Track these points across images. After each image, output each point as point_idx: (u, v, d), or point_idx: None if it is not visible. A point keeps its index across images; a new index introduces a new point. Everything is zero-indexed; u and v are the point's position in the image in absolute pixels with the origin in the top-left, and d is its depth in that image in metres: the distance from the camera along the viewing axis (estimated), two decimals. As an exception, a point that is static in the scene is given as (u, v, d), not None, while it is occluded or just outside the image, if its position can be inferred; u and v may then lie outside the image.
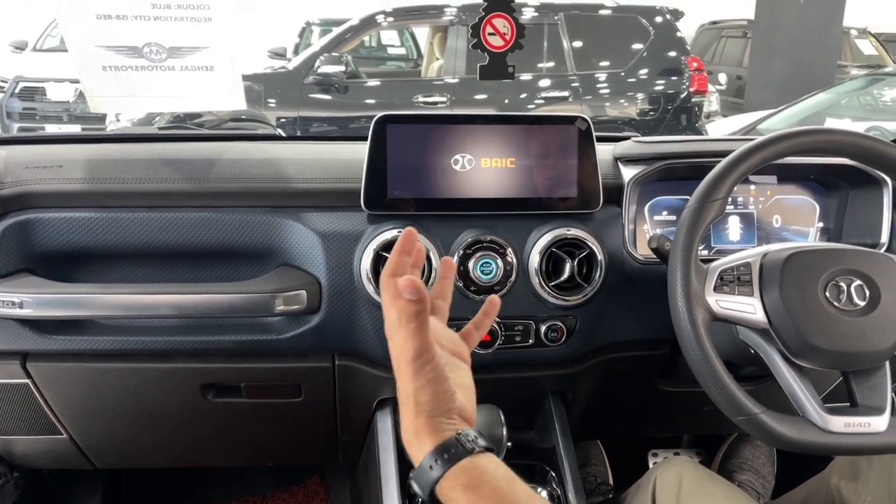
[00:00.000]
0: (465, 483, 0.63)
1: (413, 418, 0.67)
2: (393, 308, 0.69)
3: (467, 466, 0.63)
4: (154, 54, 1.15)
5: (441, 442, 0.65)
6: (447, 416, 0.67)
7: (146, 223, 1.11)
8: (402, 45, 8.49)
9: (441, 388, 0.67)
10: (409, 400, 0.67)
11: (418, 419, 0.66)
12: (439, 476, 0.63)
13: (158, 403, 1.26)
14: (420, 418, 0.66)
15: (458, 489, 0.62)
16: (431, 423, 0.66)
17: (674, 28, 5.49)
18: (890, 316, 0.94)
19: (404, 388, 0.67)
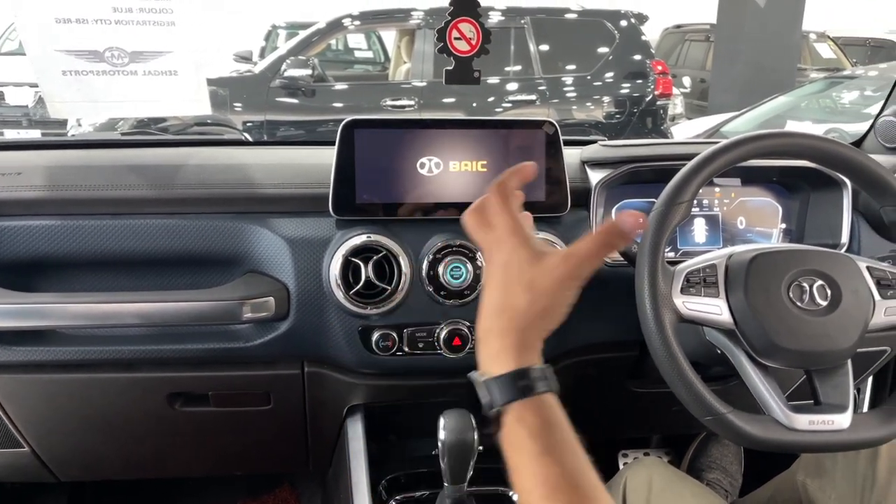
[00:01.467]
0: (546, 416, 0.62)
1: (527, 331, 0.66)
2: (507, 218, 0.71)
3: (549, 401, 0.64)
4: (116, 59, 1.13)
5: (535, 365, 0.64)
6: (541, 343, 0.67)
7: (110, 230, 1.09)
8: (369, 48, 8.47)
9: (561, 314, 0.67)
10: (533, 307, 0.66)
11: (531, 331, 0.66)
12: (524, 395, 0.63)
13: (124, 414, 1.23)
14: (534, 332, 0.66)
15: (539, 417, 0.62)
16: (536, 346, 0.66)
17: (638, 32, 5.56)
18: (851, 315, 0.96)
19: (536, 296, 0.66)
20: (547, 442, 0.61)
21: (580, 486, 0.59)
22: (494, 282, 0.69)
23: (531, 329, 0.66)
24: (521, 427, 0.62)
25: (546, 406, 0.63)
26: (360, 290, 1.08)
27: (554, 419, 0.63)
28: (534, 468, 0.60)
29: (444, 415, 1.04)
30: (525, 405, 0.63)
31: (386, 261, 1.10)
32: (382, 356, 1.12)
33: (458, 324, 1.13)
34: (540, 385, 0.63)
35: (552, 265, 0.67)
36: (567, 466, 0.60)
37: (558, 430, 0.62)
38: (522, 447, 0.61)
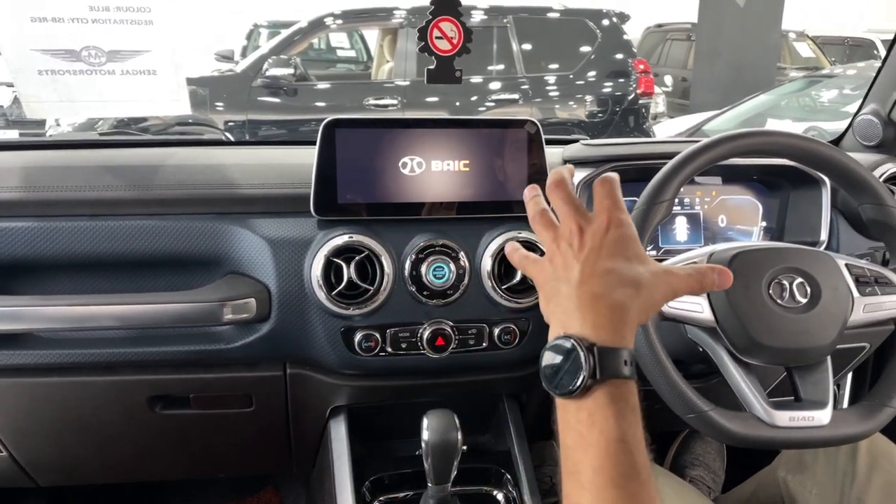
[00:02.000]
0: (636, 403, 0.62)
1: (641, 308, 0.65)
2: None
3: (631, 387, 0.63)
4: (93, 58, 1.12)
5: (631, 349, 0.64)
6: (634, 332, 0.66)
7: (88, 232, 1.07)
8: (351, 47, 8.44)
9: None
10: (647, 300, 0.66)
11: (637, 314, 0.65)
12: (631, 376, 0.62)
13: (103, 418, 1.22)
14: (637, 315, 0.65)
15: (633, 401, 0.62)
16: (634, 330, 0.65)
17: (620, 31, 5.59)
18: (830, 312, 0.97)
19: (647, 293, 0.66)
20: (628, 429, 0.60)
21: (647, 482, 0.58)
22: (612, 249, 0.67)
23: (637, 314, 0.65)
24: (613, 406, 0.60)
25: (633, 393, 0.62)
26: (342, 291, 1.07)
27: (638, 408, 0.62)
28: (611, 451, 0.58)
29: (428, 415, 1.04)
30: (621, 385, 0.61)
31: (368, 261, 1.09)
32: (365, 357, 1.12)
33: (441, 324, 1.13)
34: (630, 369, 0.62)
35: (656, 271, 0.68)
36: (639, 459, 0.59)
37: (639, 421, 0.61)
38: (606, 426, 0.59)
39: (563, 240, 0.69)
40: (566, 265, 0.67)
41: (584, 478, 0.58)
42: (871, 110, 1.43)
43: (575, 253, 0.67)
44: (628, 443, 0.58)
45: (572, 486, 0.60)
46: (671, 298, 0.68)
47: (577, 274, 0.66)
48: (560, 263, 0.68)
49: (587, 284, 0.65)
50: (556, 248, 0.70)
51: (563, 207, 0.71)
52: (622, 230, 0.68)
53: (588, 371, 0.61)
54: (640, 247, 0.68)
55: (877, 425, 0.96)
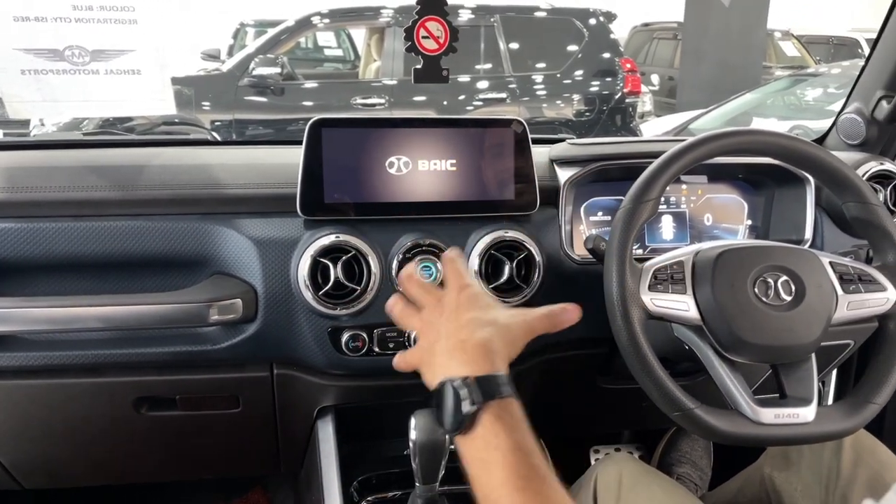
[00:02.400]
0: (520, 416, 0.69)
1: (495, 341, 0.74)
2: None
3: (513, 403, 0.70)
4: (76, 57, 1.11)
5: (505, 373, 0.72)
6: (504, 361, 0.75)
7: (72, 233, 1.07)
8: (339, 46, 8.42)
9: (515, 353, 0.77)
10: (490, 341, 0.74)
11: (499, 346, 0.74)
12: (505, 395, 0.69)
13: (89, 420, 1.21)
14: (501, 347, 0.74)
15: (514, 416, 0.69)
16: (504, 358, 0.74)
17: (607, 30, 5.60)
18: (814, 309, 0.97)
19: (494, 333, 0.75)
20: (520, 438, 0.67)
21: (546, 477, 0.65)
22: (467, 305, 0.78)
23: (504, 345, 0.75)
24: (500, 424, 0.68)
25: (516, 407, 0.70)
26: (329, 291, 1.07)
27: (522, 418, 0.69)
28: (509, 461, 0.65)
29: (415, 415, 1.04)
30: (501, 404, 0.69)
31: (355, 261, 1.09)
32: (352, 357, 1.12)
33: None
34: (510, 389, 0.70)
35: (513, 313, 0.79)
36: (535, 461, 0.66)
37: (527, 430, 0.68)
38: (498, 443, 0.67)
39: (427, 314, 0.81)
40: (437, 329, 0.78)
41: (494, 494, 0.65)
42: (854, 109, 1.44)
43: (440, 318, 0.79)
44: (522, 449, 0.66)
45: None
46: (530, 336, 0.78)
47: (445, 331, 0.77)
48: (433, 331, 0.79)
49: (455, 335, 0.75)
50: (425, 323, 0.80)
51: (419, 293, 0.83)
52: (470, 290, 0.80)
53: (470, 399, 0.69)
54: (489, 298, 0.81)
55: (861, 422, 0.96)
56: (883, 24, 1.36)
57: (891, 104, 1.35)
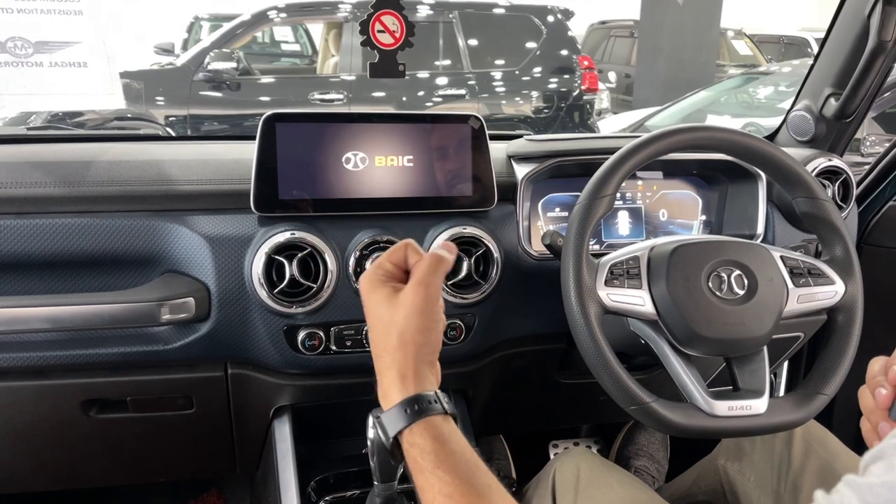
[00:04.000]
0: (434, 435, 0.68)
1: (403, 358, 0.72)
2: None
3: (439, 421, 0.69)
4: (19, 49, 1.07)
5: (423, 392, 0.71)
6: (431, 368, 0.74)
7: (14, 231, 1.03)
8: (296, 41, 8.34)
9: (436, 329, 0.75)
10: (402, 338, 0.72)
11: (408, 360, 0.72)
12: (413, 421, 0.69)
13: (35, 423, 1.17)
14: (410, 360, 0.72)
15: (427, 437, 0.68)
16: (419, 372, 0.72)
17: (565, 27, 5.65)
18: (766, 303, 0.99)
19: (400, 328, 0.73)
20: (438, 457, 0.67)
21: (474, 487, 0.65)
22: (371, 331, 0.77)
23: (409, 360, 0.72)
24: (414, 449, 0.68)
25: (434, 425, 0.69)
26: (284, 289, 1.05)
27: (444, 435, 0.68)
28: (431, 482, 0.65)
29: (373, 413, 1.03)
30: (413, 430, 0.69)
31: (311, 258, 1.07)
32: (309, 356, 1.10)
33: None
34: (431, 408, 0.70)
35: (405, 298, 0.74)
36: (460, 474, 0.65)
37: (449, 444, 0.68)
38: (419, 467, 0.67)
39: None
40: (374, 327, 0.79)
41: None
42: (803, 106, 1.47)
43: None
44: (442, 466, 0.66)
45: None
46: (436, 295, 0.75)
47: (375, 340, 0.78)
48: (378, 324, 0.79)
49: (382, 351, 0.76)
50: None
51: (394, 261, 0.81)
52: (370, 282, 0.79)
53: (383, 438, 0.72)
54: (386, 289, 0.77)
55: (811, 413, 0.98)
56: (830, 24, 1.39)
57: (838, 102, 1.38)
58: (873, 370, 0.79)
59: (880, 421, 0.76)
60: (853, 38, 1.33)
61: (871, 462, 0.54)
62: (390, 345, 0.73)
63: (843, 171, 1.37)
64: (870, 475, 0.52)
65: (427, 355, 0.73)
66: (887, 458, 0.52)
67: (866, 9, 1.27)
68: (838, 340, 1.02)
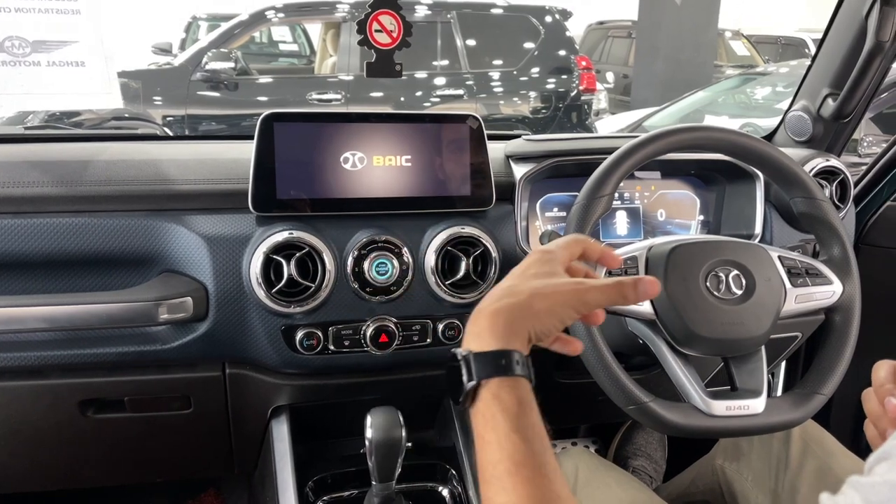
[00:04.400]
0: (521, 397, 0.64)
1: (518, 315, 0.68)
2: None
3: (526, 386, 0.66)
4: (16, 48, 1.07)
5: (522, 350, 0.67)
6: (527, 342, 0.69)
7: (12, 230, 1.03)
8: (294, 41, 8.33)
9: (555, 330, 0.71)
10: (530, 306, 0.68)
11: (522, 322, 0.68)
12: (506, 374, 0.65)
13: (32, 423, 1.17)
14: (525, 323, 0.68)
15: (514, 396, 0.64)
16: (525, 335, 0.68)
17: (563, 28, 5.65)
18: (764, 303, 0.99)
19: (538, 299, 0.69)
20: (519, 421, 0.63)
21: (543, 466, 0.61)
22: (513, 273, 0.73)
23: (521, 319, 0.68)
24: (497, 403, 0.64)
25: (521, 387, 0.65)
26: (282, 289, 1.05)
27: (527, 400, 0.65)
28: (503, 443, 0.62)
29: (371, 413, 1.03)
30: (502, 383, 0.65)
31: (309, 258, 1.07)
32: (307, 355, 1.10)
33: (385, 320, 1.12)
34: (518, 368, 0.65)
35: (564, 282, 0.70)
36: (534, 447, 0.62)
37: (530, 413, 0.64)
38: (495, 422, 0.63)
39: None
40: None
41: (487, 473, 0.63)
42: (801, 107, 1.47)
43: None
44: (520, 432, 0.62)
45: (481, 481, 0.64)
46: (581, 311, 0.71)
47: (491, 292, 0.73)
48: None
49: (487, 299, 0.71)
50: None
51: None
52: (539, 253, 0.75)
53: (466, 377, 0.66)
54: (551, 266, 0.73)
55: (808, 412, 0.99)
56: (828, 25, 1.39)
57: (836, 102, 1.38)
58: (879, 376, 0.78)
59: (888, 428, 0.75)
60: (851, 39, 1.34)
61: (876, 462, 0.54)
62: (518, 295, 0.69)
63: (841, 171, 1.37)
64: (874, 475, 0.52)
65: (535, 331, 0.69)
66: (892, 458, 0.52)
67: (864, 9, 1.27)
68: (836, 340, 1.02)
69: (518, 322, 0.68)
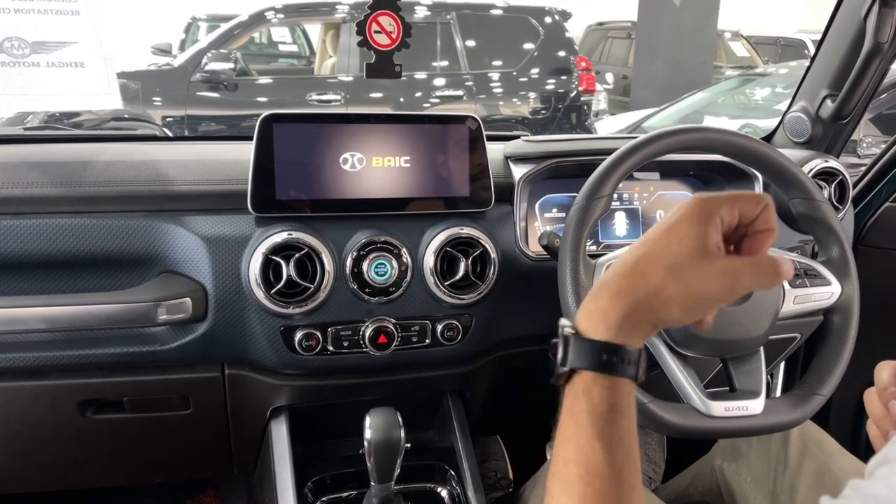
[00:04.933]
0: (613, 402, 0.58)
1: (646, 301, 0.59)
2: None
3: (628, 388, 0.59)
4: (16, 49, 1.07)
5: (628, 345, 0.58)
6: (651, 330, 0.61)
7: (11, 231, 1.03)
8: (294, 42, 8.34)
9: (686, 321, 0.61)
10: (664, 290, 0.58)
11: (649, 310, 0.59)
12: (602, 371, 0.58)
13: (32, 424, 1.17)
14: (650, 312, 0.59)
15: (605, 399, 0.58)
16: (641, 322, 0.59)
17: (562, 28, 5.65)
18: (762, 304, 0.99)
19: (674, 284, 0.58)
20: (605, 428, 0.57)
21: (620, 484, 0.56)
22: (649, 240, 0.61)
23: (645, 309, 0.59)
24: (586, 400, 0.58)
25: (619, 389, 0.58)
26: (281, 290, 1.05)
27: (621, 407, 0.58)
28: (583, 446, 0.56)
29: (370, 413, 1.03)
30: (597, 379, 0.58)
31: (308, 258, 1.07)
32: (306, 356, 1.10)
33: (384, 321, 1.12)
34: (625, 368, 0.58)
35: (712, 270, 0.59)
36: (615, 459, 0.56)
37: (621, 420, 0.58)
38: (579, 420, 0.57)
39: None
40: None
41: (558, 467, 0.57)
42: (800, 108, 1.47)
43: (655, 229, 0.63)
44: (604, 440, 0.56)
45: (551, 472, 0.59)
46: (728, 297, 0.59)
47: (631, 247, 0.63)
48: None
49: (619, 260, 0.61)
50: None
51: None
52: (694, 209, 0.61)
53: (561, 358, 0.59)
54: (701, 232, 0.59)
55: (807, 413, 0.99)
56: (827, 26, 1.39)
57: (835, 103, 1.38)
58: (882, 378, 0.78)
59: (891, 430, 0.75)
60: (849, 40, 1.34)
61: (877, 466, 0.54)
62: (649, 279, 0.59)
63: (840, 172, 1.37)
64: (875, 479, 0.52)
65: (661, 322, 0.60)
66: (892, 461, 0.52)
67: (862, 10, 1.28)
68: (834, 341, 1.02)
69: (642, 311, 0.59)
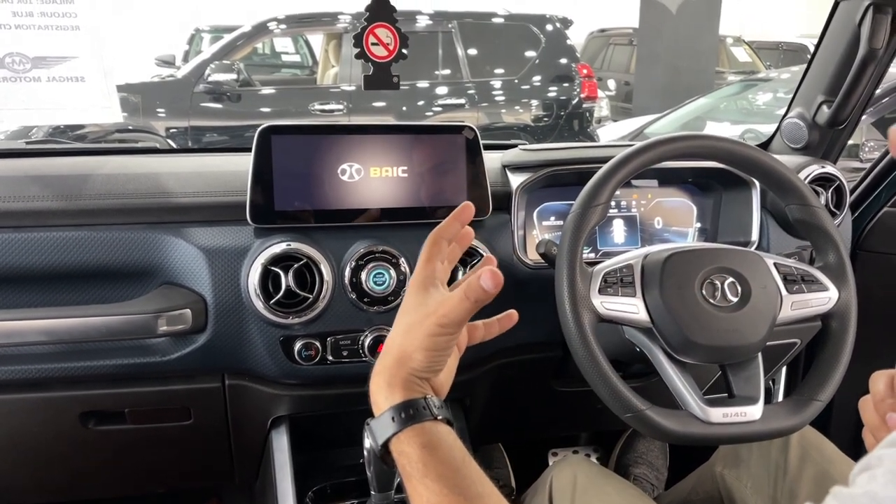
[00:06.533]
0: (423, 442, 0.65)
1: (394, 368, 0.69)
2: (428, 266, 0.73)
3: (429, 428, 0.66)
4: (17, 64, 1.08)
5: (410, 398, 0.67)
6: (422, 381, 0.70)
7: (12, 244, 1.04)
8: (296, 52, 8.38)
9: (439, 359, 0.70)
10: (402, 351, 0.69)
11: (399, 371, 0.69)
12: (400, 429, 0.66)
13: (33, 436, 1.17)
14: (402, 371, 0.69)
15: (415, 445, 0.65)
16: (409, 380, 0.69)
17: (564, 36, 5.67)
18: (760, 310, 0.99)
19: (407, 340, 0.69)
20: (426, 465, 0.64)
21: (464, 496, 0.62)
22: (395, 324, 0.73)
23: (396, 369, 0.69)
24: (402, 457, 0.66)
25: (423, 432, 0.66)
26: (280, 300, 1.06)
27: (433, 443, 0.65)
28: (419, 490, 0.63)
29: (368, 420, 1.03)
30: (401, 437, 0.66)
31: (307, 269, 1.08)
32: (306, 366, 1.11)
33: (383, 330, 1.12)
34: (407, 419, 0.66)
35: (425, 311, 0.69)
36: (448, 483, 0.63)
37: (438, 451, 0.65)
38: (407, 475, 0.65)
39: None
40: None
41: None
42: (796, 114, 1.48)
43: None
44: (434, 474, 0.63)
45: None
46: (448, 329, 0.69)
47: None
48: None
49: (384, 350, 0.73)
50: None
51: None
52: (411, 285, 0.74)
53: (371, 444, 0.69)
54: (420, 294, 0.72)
55: (806, 419, 0.99)
56: (822, 33, 1.40)
57: (831, 109, 1.38)
58: (878, 389, 0.78)
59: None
60: (844, 46, 1.34)
61: (858, 473, 0.54)
62: (392, 349, 0.71)
63: (836, 177, 1.37)
64: (855, 486, 0.53)
65: (426, 372, 0.70)
66: (872, 468, 0.53)
67: (857, 17, 1.28)
68: (832, 346, 1.02)
69: (396, 375, 0.69)
